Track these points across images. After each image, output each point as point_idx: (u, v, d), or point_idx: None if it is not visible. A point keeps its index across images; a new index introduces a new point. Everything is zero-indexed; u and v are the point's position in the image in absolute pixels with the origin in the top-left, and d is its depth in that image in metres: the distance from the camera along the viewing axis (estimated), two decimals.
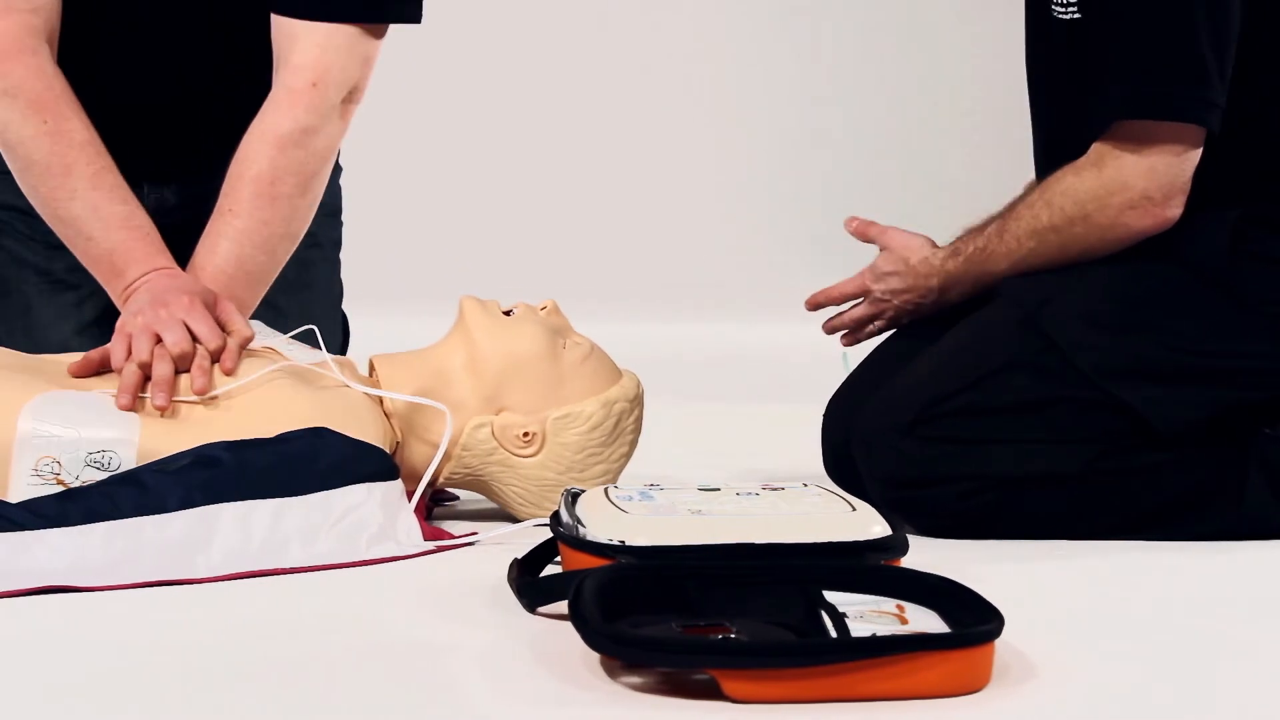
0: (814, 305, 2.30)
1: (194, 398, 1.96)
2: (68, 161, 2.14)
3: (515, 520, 2.10)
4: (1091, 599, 1.77)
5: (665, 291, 4.24)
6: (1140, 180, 2.03)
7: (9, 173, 2.30)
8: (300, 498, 1.86)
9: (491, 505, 2.17)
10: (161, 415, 1.93)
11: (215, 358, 2.00)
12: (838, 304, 2.29)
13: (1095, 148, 2.06)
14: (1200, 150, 2.03)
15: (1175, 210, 2.04)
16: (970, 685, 1.39)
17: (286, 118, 2.20)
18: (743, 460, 2.20)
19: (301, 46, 2.20)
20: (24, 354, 2.07)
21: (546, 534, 1.79)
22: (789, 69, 4.52)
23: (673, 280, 3.84)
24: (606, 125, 4.65)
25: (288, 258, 2.24)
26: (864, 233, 2.28)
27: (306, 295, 2.45)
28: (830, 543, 1.63)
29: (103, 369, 2.01)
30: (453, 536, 1.96)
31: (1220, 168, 2.05)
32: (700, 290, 4.16)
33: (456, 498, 2.26)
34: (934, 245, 2.23)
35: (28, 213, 2.34)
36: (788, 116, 4.43)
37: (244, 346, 2.04)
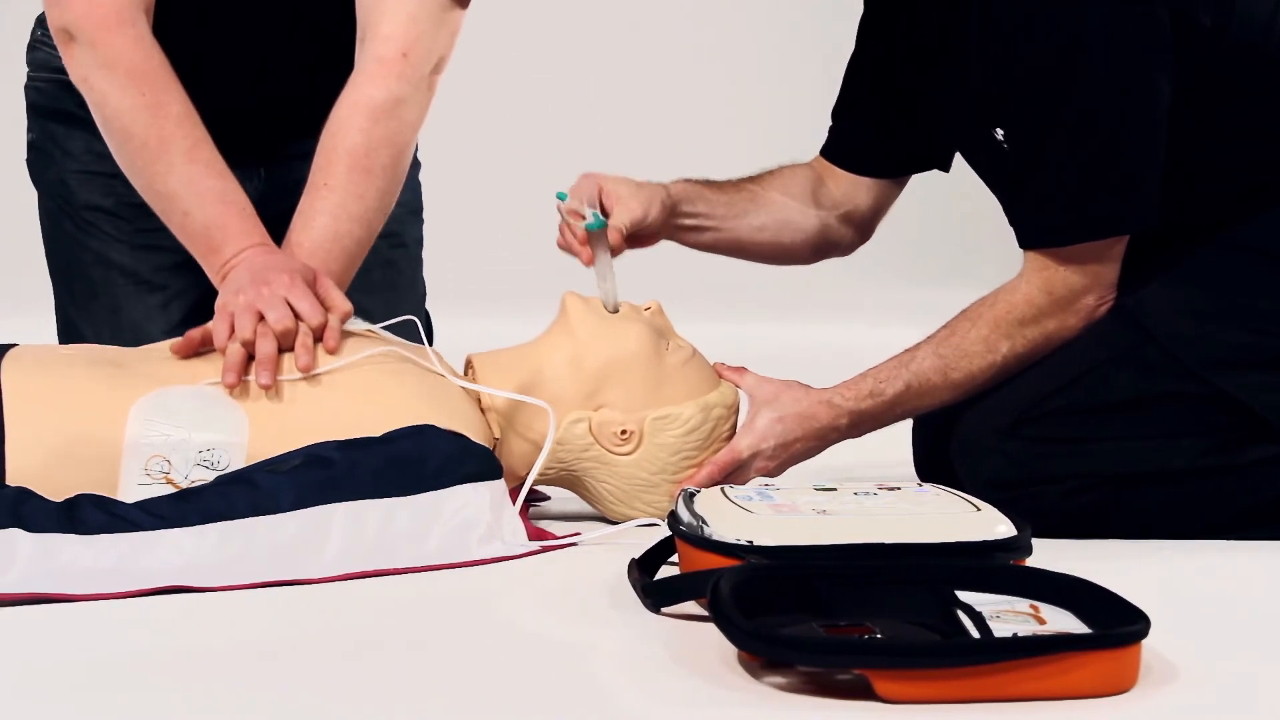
0: None
1: (298, 375, 1.95)
2: (165, 134, 2.10)
3: (604, 519, 2.09)
4: (1216, 597, 1.77)
5: (741, 292, 4.23)
6: (1095, 289, 2.05)
7: (96, 173, 2.30)
8: (410, 498, 1.86)
9: (582, 506, 2.16)
10: (266, 394, 1.93)
11: (318, 335, 1.99)
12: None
13: (1035, 261, 2.07)
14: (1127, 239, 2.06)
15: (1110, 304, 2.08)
16: (1118, 686, 1.38)
17: (380, 88, 2.17)
18: (827, 461, 2.19)
19: (390, 17, 2.18)
20: (123, 348, 2.05)
21: (647, 534, 1.78)
22: None
23: (747, 280, 3.83)
24: (682, 124, 4.65)
25: (379, 231, 2.21)
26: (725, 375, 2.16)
27: (391, 295, 2.44)
28: (960, 542, 1.62)
29: (205, 347, 1.99)
30: (556, 537, 1.96)
31: (1264, 171, 2.05)
32: (768, 290, 4.16)
33: (548, 497, 2.25)
34: (805, 387, 2.13)
35: (114, 213, 2.34)
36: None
37: (345, 322, 2.02)
